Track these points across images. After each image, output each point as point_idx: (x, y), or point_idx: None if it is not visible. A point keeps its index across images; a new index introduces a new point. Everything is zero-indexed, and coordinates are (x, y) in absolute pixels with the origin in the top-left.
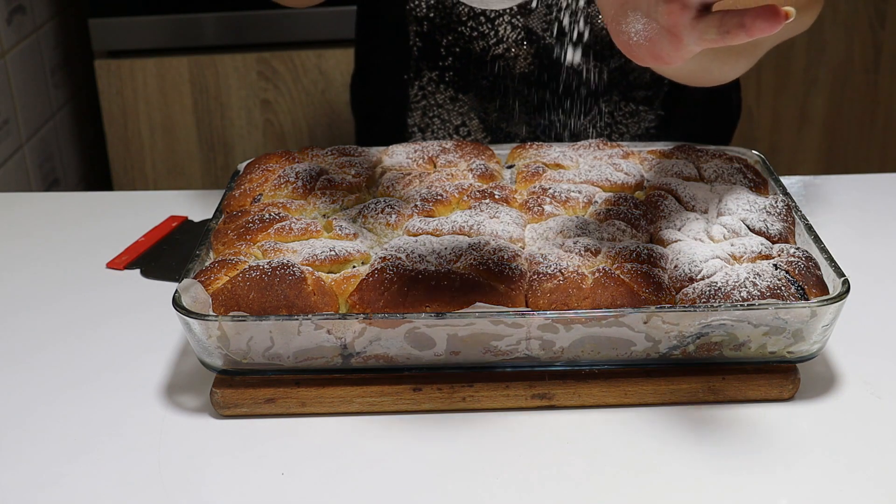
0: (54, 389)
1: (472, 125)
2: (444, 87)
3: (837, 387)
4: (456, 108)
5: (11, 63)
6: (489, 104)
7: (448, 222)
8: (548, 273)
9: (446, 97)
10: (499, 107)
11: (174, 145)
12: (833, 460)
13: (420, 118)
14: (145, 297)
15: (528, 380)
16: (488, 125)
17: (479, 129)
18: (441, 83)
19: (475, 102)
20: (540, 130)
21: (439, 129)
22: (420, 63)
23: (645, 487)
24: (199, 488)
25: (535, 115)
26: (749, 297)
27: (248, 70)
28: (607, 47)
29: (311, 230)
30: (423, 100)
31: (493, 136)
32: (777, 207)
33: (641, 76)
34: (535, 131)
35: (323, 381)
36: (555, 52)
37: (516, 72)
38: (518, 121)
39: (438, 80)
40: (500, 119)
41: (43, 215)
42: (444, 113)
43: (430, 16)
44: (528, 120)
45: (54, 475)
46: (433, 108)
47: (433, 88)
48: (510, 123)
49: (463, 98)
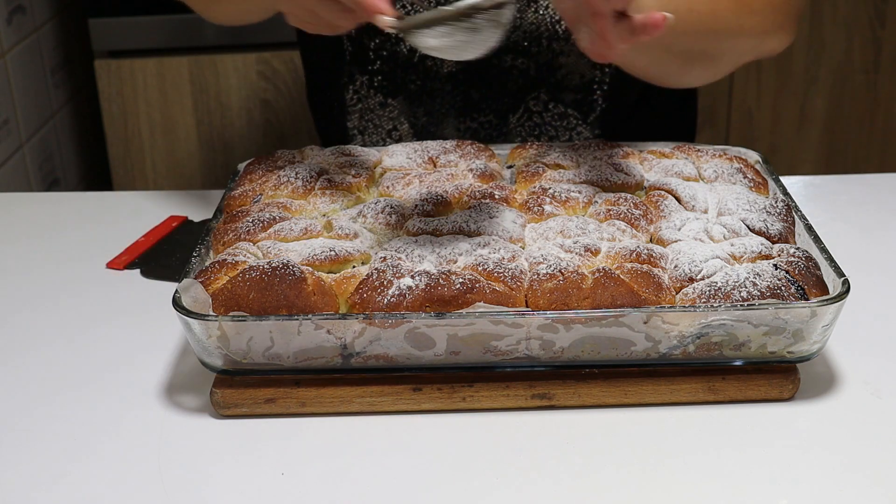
0: (54, 389)
1: (403, 129)
2: (374, 91)
3: (837, 387)
4: (386, 112)
5: (11, 63)
6: (418, 108)
7: (448, 222)
8: (548, 273)
9: (376, 102)
10: (426, 111)
11: (174, 145)
12: (833, 460)
13: (358, 121)
14: (145, 297)
15: (528, 380)
16: (417, 129)
17: (409, 134)
18: (371, 87)
19: (404, 106)
20: (469, 134)
21: (373, 133)
22: (352, 67)
23: (645, 487)
24: (199, 488)
25: (464, 118)
26: (749, 297)
27: (248, 70)
28: (534, 42)
29: (311, 230)
30: (359, 103)
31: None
32: (777, 207)
33: (569, 76)
34: (465, 135)
35: (323, 381)
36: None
37: (444, 72)
38: (446, 124)
39: (369, 85)
40: (428, 123)
41: (43, 215)
42: (375, 118)
43: None
44: (457, 123)
45: (54, 475)
46: (367, 112)
47: (365, 93)
48: (439, 127)
49: (392, 102)
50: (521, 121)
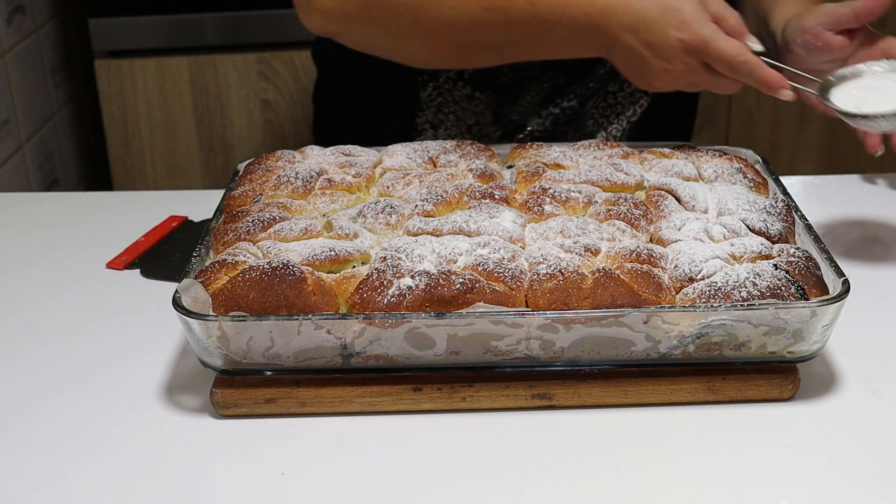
0: (54, 389)
1: (486, 121)
2: (462, 84)
3: (837, 387)
4: (472, 105)
5: (11, 63)
6: (505, 98)
7: (448, 222)
8: (548, 273)
9: (463, 94)
10: (512, 99)
11: (174, 145)
12: (833, 460)
13: (433, 115)
14: (145, 297)
15: (528, 380)
16: (501, 118)
17: (491, 123)
18: (459, 81)
19: (492, 99)
20: (550, 120)
21: (453, 125)
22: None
23: (645, 487)
24: (199, 488)
25: (548, 105)
26: (749, 297)
27: (248, 70)
28: None
29: (311, 230)
30: (439, 97)
31: (504, 128)
32: (777, 207)
33: None
34: (545, 121)
35: (323, 381)
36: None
37: (537, 62)
38: (531, 112)
39: (457, 79)
40: (512, 111)
41: (43, 215)
42: (458, 110)
43: None
44: (541, 111)
45: (54, 475)
46: (448, 105)
47: (450, 86)
48: (523, 115)
49: (480, 96)
50: (597, 103)
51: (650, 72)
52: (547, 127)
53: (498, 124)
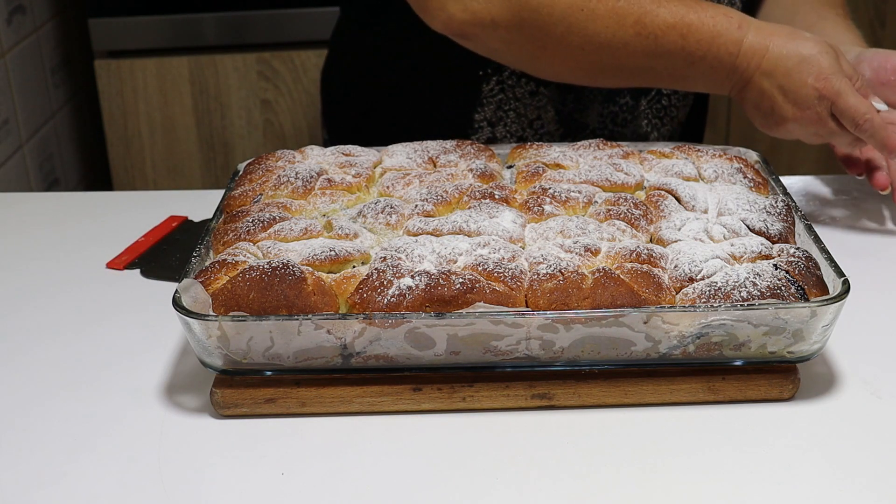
0: (54, 389)
1: (547, 117)
2: (526, 80)
3: (837, 387)
4: (534, 101)
5: (11, 63)
6: (568, 94)
7: (448, 222)
8: (548, 273)
9: (526, 91)
10: (576, 97)
11: (174, 145)
12: (833, 460)
13: (493, 112)
14: (145, 297)
15: (528, 380)
16: (563, 116)
17: (553, 121)
18: (522, 77)
19: (555, 94)
20: (609, 119)
21: (513, 122)
22: None
23: (644, 487)
24: (199, 488)
25: (607, 103)
26: (749, 297)
27: (248, 70)
28: None
29: (311, 230)
30: (501, 93)
31: (566, 126)
32: (777, 207)
33: None
34: (605, 120)
35: (323, 381)
36: None
37: None
38: (591, 110)
39: (520, 74)
40: (574, 109)
41: (43, 215)
42: (520, 107)
43: None
44: (601, 109)
45: (54, 475)
46: (510, 102)
47: (513, 82)
48: (584, 113)
49: (543, 91)
50: (651, 103)
51: (778, 115)
52: (607, 126)
53: (560, 122)
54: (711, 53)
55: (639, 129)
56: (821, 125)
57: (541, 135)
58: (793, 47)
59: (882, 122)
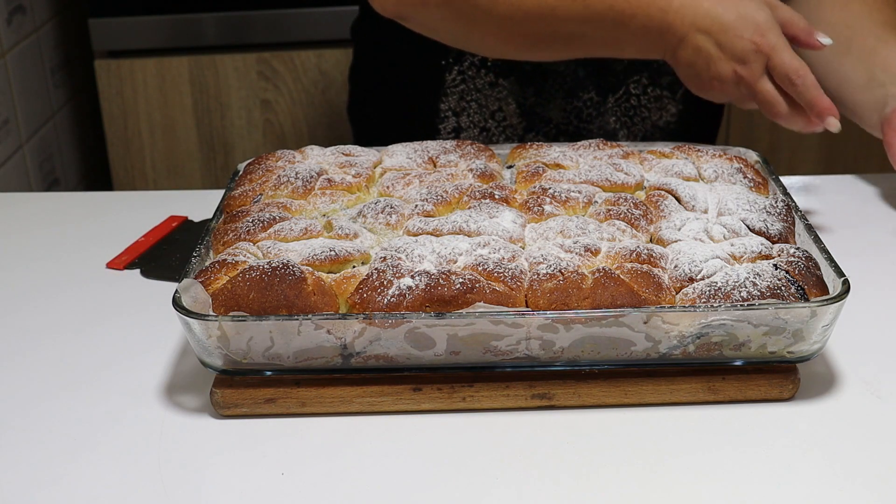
0: (54, 389)
1: (509, 110)
2: (486, 71)
3: (837, 387)
4: (494, 93)
5: (11, 63)
6: (528, 88)
7: (448, 222)
8: (548, 273)
9: (486, 82)
10: (536, 90)
11: (174, 145)
12: (833, 461)
13: (457, 102)
14: (145, 297)
15: (528, 380)
16: (525, 109)
17: (516, 114)
18: (483, 68)
19: (514, 86)
20: (574, 114)
21: (476, 113)
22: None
23: (644, 487)
24: (199, 488)
25: (570, 98)
26: (749, 297)
27: (248, 70)
28: None
29: (311, 230)
30: (462, 84)
31: (529, 120)
32: (777, 207)
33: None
34: (569, 115)
35: (323, 381)
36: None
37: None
38: (553, 104)
39: (480, 65)
40: (536, 103)
41: (43, 215)
42: (481, 98)
43: None
44: (563, 104)
45: (54, 475)
46: (471, 93)
47: (473, 73)
48: (546, 107)
49: (503, 83)
50: (619, 102)
51: (714, 72)
52: (571, 121)
53: (522, 115)
54: (642, 11)
55: (606, 125)
56: (754, 83)
57: (504, 127)
58: (729, 3)
59: (815, 83)
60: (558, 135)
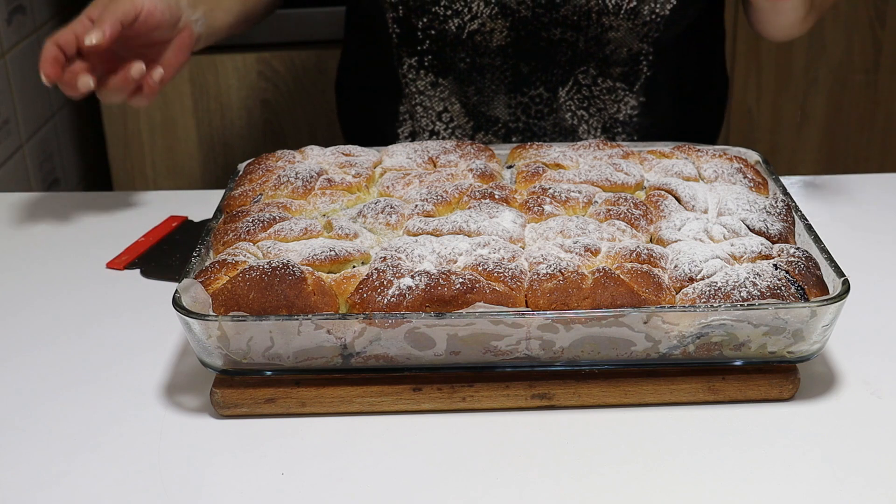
0: (54, 389)
1: (454, 110)
2: (424, 72)
3: (837, 387)
4: (437, 93)
5: (11, 63)
6: (468, 87)
7: (448, 222)
8: (548, 273)
9: (427, 83)
10: (477, 89)
11: (174, 145)
12: (833, 460)
13: (409, 105)
14: (145, 297)
15: (528, 380)
16: (469, 109)
17: (462, 114)
18: (421, 69)
19: (455, 86)
20: (521, 110)
21: (422, 116)
22: (400, 50)
23: (644, 487)
24: (199, 488)
25: (514, 94)
26: (749, 297)
27: (248, 70)
28: (584, 17)
29: (311, 230)
30: (407, 87)
31: (476, 120)
32: (777, 207)
33: (618, 51)
34: (516, 111)
35: (323, 381)
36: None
37: (493, 46)
38: (497, 101)
39: (418, 66)
40: (479, 101)
41: (43, 215)
42: (425, 100)
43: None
44: (507, 100)
45: (54, 475)
46: (415, 96)
47: (414, 75)
48: (490, 105)
49: (443, 82)
50: (571, 94)
51: None
52: (520, 118)
53: (468, 115)
54: None
55: (562, 121)
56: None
57: (452, 129)
58: None
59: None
60: (509, 133)
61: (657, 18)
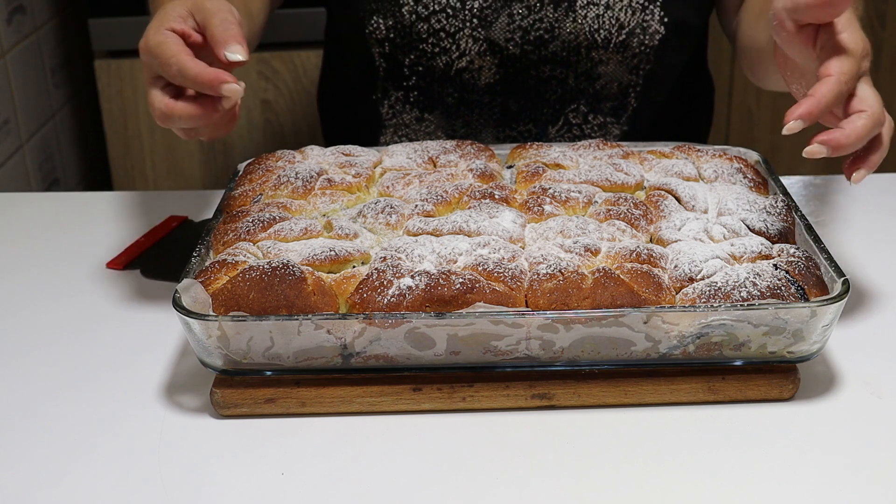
0: (54, 389)
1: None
2: (410, 107)
3: (837, 387)
4: (422, 127)
5: (11, 63)
6: (455, 121)
7: (448, 222)
8: (548, 273)
9: (412, 117)
10: (464, 123)
11: (174, 145)
12: (833, 460)
13: (391, 137)
14: (145, 297)
15: (528, 380)
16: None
17: None
18: (406, 103)
19: (441, 121)
20: (510, 142)
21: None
22: (386, 83)
23: (644, 487)
24: (199, 488)
25: (502, 128)
26: (749, 297)
27: (248, 70)
28: (573, 52)
29: (311, 230)
30: (393, 118)
31: None
32: (777, 207)
33: (608, 86)
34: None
35: (323, 381)
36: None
37: (481, 83)
38: (485, 134)
39: (404, 101)
40: (466, 134)
41: (43, 215)
42: (411, 133)
43: (390, 36)
44: (496, 133)
45: (54, 475)
46: (401, 128)
47: (400, 108)
48: (477, 138)
49: (429, 117)
50: (561, 133)
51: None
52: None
53: None
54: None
55: None
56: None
57: None
58: None
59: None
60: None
61: (646, 50)
